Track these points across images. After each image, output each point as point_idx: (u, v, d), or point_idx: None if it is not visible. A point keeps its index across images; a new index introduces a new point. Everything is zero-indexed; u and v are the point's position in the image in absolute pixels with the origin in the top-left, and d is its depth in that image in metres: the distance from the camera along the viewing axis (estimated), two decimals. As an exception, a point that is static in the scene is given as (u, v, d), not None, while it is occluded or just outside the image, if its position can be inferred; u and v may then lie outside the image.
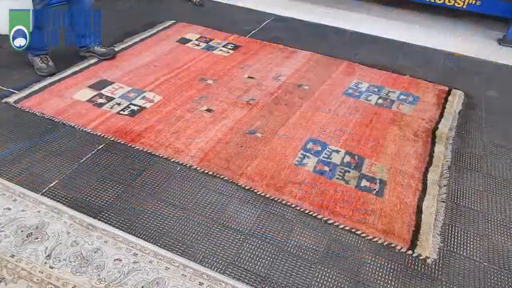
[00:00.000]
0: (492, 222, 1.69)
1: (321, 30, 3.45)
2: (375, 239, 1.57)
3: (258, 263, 1.47)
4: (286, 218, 1.65)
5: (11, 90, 2.33)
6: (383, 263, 1.49)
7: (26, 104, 2.20)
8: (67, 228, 1.54)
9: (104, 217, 1.61)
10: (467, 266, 1.50)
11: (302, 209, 1.68)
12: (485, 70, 2.95)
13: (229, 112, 2.24)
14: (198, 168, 1.86)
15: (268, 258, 1.49)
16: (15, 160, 1.85)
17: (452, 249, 1.56)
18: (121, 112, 2.19)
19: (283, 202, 1.71)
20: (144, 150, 1.94)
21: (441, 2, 3.51)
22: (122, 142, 1.98)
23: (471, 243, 1.59)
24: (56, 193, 1.70)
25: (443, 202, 1.75)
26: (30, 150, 1.91)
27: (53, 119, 2.11)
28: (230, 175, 1.82)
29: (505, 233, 1.65)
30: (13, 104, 2.20)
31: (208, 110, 2.25)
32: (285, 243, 1.55)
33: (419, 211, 1.69)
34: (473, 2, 3.45)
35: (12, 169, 1.80)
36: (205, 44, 3.03)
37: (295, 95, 2.45)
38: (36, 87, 2.36)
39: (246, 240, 1.55)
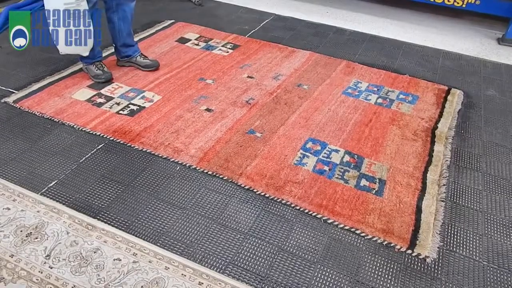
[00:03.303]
0: (492, 222, 1.69)
1: (321, 30, 3.44)
2: (374, 239, 1.57)
3: (258, 263, 1.47)
4: (285, 217, 1.65)
5: (10, 90, 2.33)
6: (382, 262, 1.49)
7: (25, 104, 2.20)
8: (66, 228, 1.54)
9: (103, 217, 1.60)
10: (466, 265, 1.50)
11: (301, 209, 1.68)
12: (485, 69, 2.95)
13: (229, 112, 2.24)
14: (197, 168, 1.85)
15: (268, 258, 1.49)
16: (14, 160, 1.85)
17: (451, 248, 1.56)
18: (121, 112, 2.18)
19: (283, 201, 1.71)
20: (144, 150, 1.94)
21: (440, 1, 3.51)
22: (121, 142, 1.98)
23: (471, 242, 1.59)
24: (55, 193, 1.70)
25: (443, 201, 1.75)
26: (29, 150, 1.91)
27: (52, 118, 2.11)
28: (230, 174, 1.82)
29: (505, 232, 1.65)
30: (12, 104, 2.20)
31: (208, 110, 2.25)
32: (284, 242, 1.55)
33: (418, 210, 1.69)
34: (473, 1, 3.44)
35: (11, 169, 1.80)
36: (205, 43, 3.02)
37: (295, 94, 2.45)
38: (35, 87, 2.36)
39: (246, 240, 1.55)
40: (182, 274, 1.40)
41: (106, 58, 2.67)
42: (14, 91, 2.32)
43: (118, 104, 2.25)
